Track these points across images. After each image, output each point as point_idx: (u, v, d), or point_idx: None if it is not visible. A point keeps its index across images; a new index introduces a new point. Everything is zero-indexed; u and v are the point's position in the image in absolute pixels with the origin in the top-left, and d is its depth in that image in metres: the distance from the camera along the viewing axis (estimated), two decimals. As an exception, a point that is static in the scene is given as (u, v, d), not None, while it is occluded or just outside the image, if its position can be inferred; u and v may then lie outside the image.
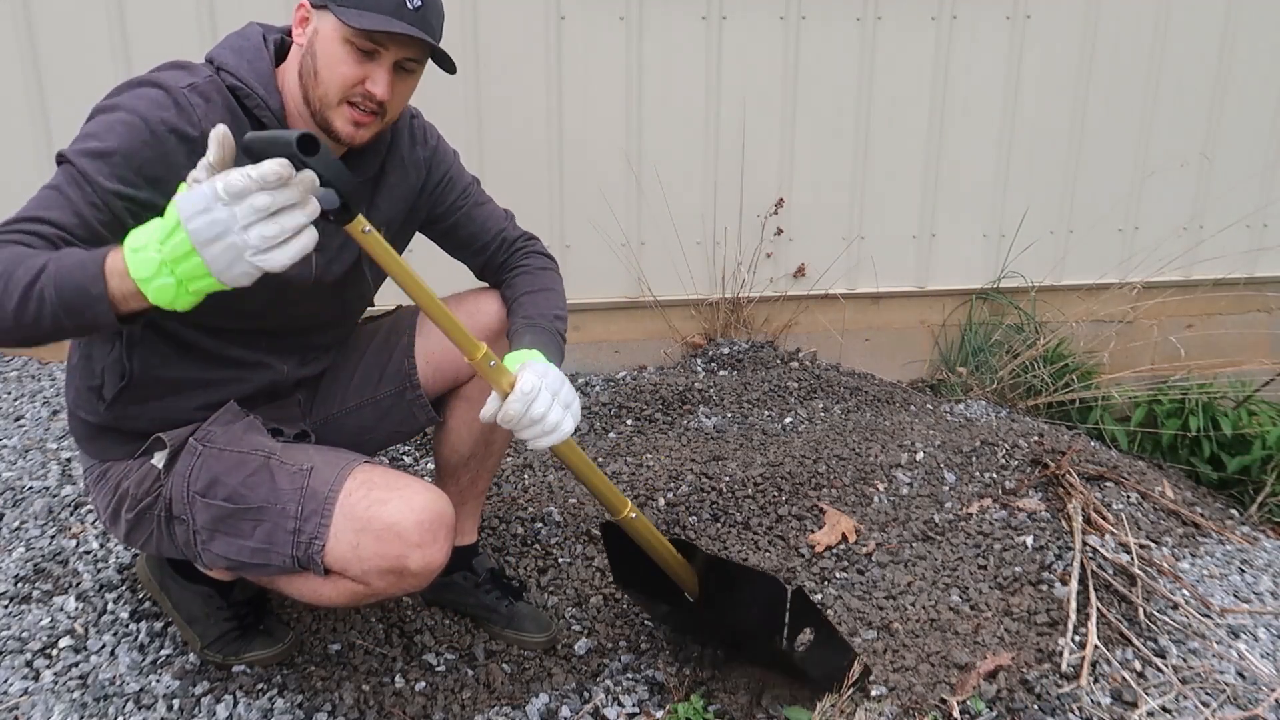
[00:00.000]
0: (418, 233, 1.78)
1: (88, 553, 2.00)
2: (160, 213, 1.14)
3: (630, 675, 1.80)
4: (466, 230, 1.75)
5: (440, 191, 1.71)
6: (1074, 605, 1.91)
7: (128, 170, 1.30)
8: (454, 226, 1.75)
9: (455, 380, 1.75)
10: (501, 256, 1.78)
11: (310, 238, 1.14)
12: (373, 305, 1.76)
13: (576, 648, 1.88)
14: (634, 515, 1.64)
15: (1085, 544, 2.13)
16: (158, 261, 1.11)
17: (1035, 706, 1.68)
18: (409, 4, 1.41)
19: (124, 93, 1.36)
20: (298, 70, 1.45)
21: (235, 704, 1.63)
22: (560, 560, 2.13)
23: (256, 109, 1.43)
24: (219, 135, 1.12)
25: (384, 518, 1.38)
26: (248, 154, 1.16)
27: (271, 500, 1.43)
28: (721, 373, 3.24)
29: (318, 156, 1.14)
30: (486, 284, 1.83)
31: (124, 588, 1.90)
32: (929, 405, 3.15)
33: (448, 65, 1.47)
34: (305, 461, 1.46)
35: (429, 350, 1.73)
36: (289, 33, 1.51)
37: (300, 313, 1.59)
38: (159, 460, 1.51)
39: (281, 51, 1.51)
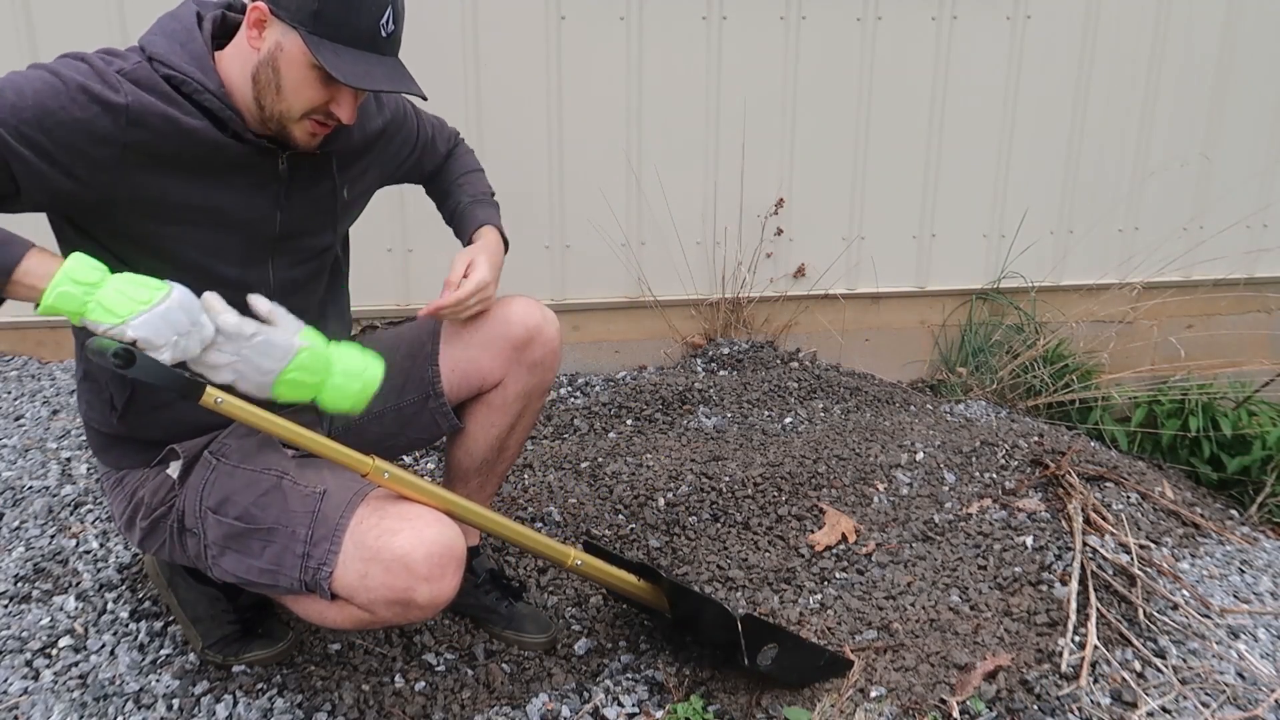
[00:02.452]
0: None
1: (87, 552, 2.00)
2: (62, 195, 1.27)
3: (630, 675, 1.80)
4: (424, 169, 1.86)
5: (407, 150, 1.77)
6: (1074, 605, 1.91)
7: (36, 130, 1.25)
8: (415, 169, 1.84)
9: (480, 388, 1.73)
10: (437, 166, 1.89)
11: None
12: (345, 268, 1.74)
13: (576, 648, 1.88)
14: (579, 562, 1.64)
15: (1085, 544, 2.13)
16: (97, 279, 1.24)
17: (1035, 707, 1.68)
18: (383, 30, 1.36)
19: (53, 61, 1.32)
20: (252, 75, 1.38)
21: (235, 704, 1.63)
22: (560, 560, 2.13)
23: (195, 94, 1.36)
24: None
25: (394, 549, 1.35)
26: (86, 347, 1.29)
27: (282, 522, 1.41)
28: (721, 373, 3.24)
29: (136, 366, 1.24)
30: (515, 295, 1.79)
31: (124, 587, 1.90)
32: (929, 405, 3.15)
33: (420, 97, 1.44)
34: (319, 484, 1.44)
35: (453, 358, 1.72)
36: (229, 7, 1.46)
37: (276, 275, 1.54)
38: (174, 471, 1.50)
39: (224, 28, 1.44)
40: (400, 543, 1.35)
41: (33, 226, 1.32)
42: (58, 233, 1.42)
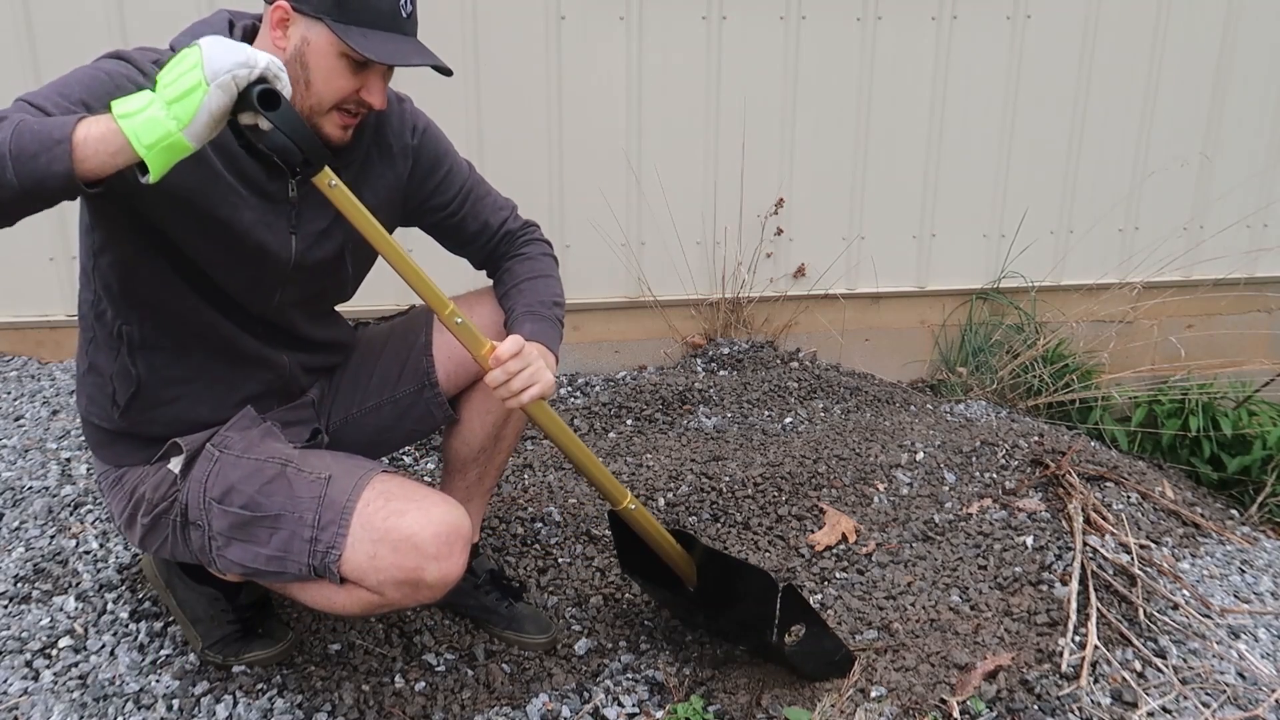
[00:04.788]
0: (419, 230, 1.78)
1: (87, 553, 2.00)
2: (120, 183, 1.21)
3: (630, 675, 1.80)
4: (468, 229, 1.75)
5: (436, 186, 1.69)
6: (1074, 605, 1.91)
7: (84, 110, 1.25)
8: (457, 225, 1.74)
9: (476, 375, 1.74)
10: (502, 249, 1.78)
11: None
12: (348, 298, 1.73)
13: (576, 648, 1.88)
14: (633, 506, 1.66)
15: (1085, 544, 2.13)
16: (149, 98, 1.15)
17: (1035, 707, 1.68)
18: (403, 11, 1.41)
19: (90, 62, 1.35)
20: None
21: (235, 704, 1.63)
22: (560, 560, 2.13)
23: None
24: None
25: (401, 529, 1.38)
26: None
27: (289, 508, 1.42)
28: (721, 373, 3.24)
29: (278, 112, 1.18)
30: (483, 285, 1.83)
31: (124, 588, 1.90)
32: (929, 405, 3.15)
33: (446, 71, 1.47)
34: (323, 470, 1.45)
35: (448, 346, 1.72)
36: (260, 19, 1.49)
37: (280, 299, 1.57)
38: (175, 465, 1.51)
39: (250, 38, 1.48)
40: (408, 523, 1.38)
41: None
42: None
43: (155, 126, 1.13)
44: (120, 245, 1.41)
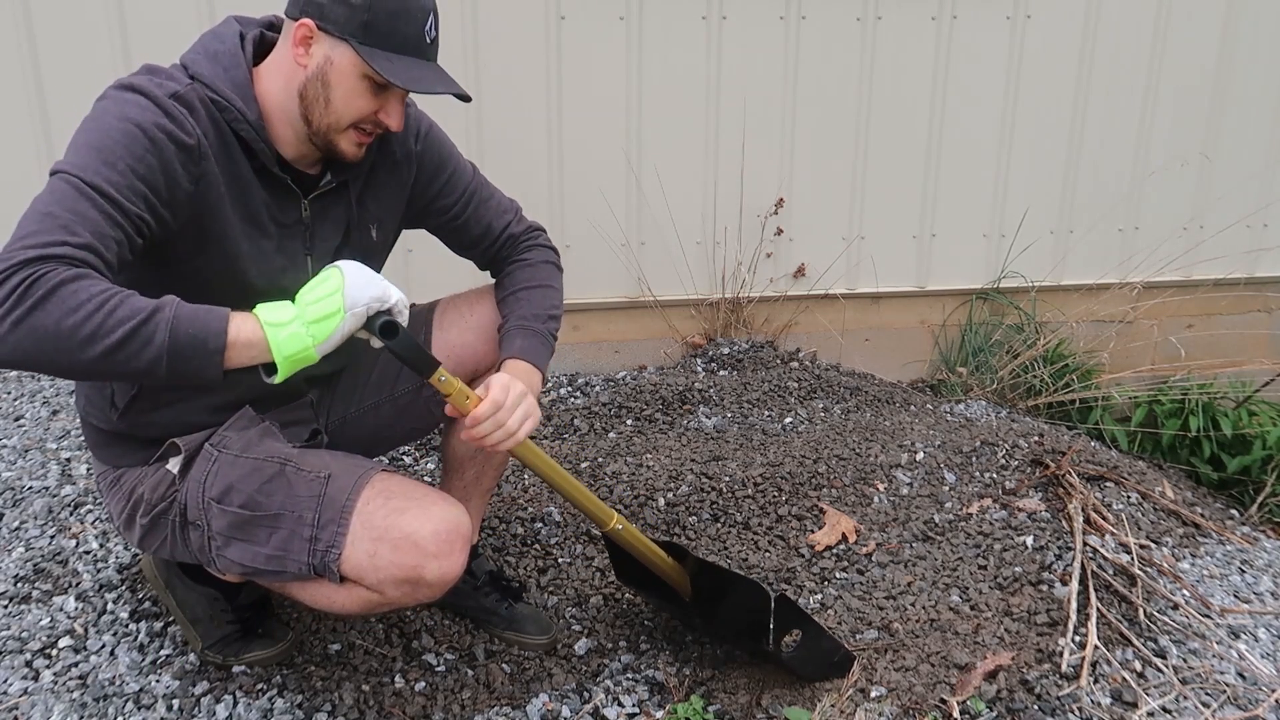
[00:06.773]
0: (424, 231, 1.78)
1: (87, 553, 2.00)
2: (151, 230, 1.30)
3: (630, 675, 1.80)
4: (472, 232, 1.75)
5: (440, 189, 1.70)
6: (1074, 605, 1.91)
7: (135, 180, 1.27)
8: (460, 228, 1.74)
9: (474, 374, 1.74)
10: (505, 251, 1.77)
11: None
12: None
13: (576, 648, 1.88)
14: (620, 527, 1.66)
15: (1085, 544, 2.13)
16: (293, 312, 1.29)
17: (1035, 707, 1.68)
18: (427, 37, 1.42)
19: (110, 101, 1.32)
20: (299, 91, 1.41)
21: (235, 704, 1.63)
22: (560, 560, 2.13)
23: (234, 122, 1.39)
24: None
25: (401, 527, 1.39)
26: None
27: (288, 507, 1.42)
28: (721, 373, 3.24)
29: (395, 340, 1.36)
30: (483, 285, 1.83)
31: (124, 588, 1.90)
32: (929, 405, 3.15)
33: (465, 98, 1.47)
34: (323, 469, 1.46)
35: (446, 346, 1.73)
36: (269, 26, 1.48)
37: None
38: (174, 465, 1.51)
39: (261, 47, 1.47)
40: (408, 521, 1.39)
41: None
42: None
43: (297, 342, 1.27)
44: (128, 270, 1.36)
